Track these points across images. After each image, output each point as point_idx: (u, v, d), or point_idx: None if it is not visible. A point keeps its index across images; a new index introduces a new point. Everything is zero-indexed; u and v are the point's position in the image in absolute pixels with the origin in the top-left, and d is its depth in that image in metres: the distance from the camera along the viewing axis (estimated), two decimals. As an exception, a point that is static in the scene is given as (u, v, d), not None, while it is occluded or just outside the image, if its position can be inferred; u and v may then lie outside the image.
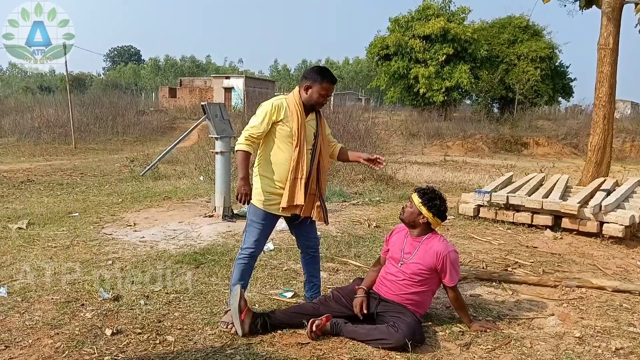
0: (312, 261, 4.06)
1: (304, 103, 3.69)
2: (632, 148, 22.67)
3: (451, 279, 3.64)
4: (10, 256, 5.18)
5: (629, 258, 5.98)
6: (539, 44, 31.24)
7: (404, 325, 3.40)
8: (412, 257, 3.68)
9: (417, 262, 3.65)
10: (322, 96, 3.66)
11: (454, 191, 10.45)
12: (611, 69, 8.92)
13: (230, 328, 3.58)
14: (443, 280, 3.68)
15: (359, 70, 78.75)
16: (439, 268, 3.62)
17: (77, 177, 11.67)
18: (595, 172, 9.00)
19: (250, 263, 3.81)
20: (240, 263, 3.78)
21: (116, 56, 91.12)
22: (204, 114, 7.20)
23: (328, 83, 3.64)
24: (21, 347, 3.30)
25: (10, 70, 79.55)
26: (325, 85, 3.63)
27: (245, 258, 3.77)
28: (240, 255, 3.80)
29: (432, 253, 3.63)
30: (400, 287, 3.66)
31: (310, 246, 4.01)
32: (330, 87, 3.66)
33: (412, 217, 3.69)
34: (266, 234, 3.82)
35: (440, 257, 3.60)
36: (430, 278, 3.66)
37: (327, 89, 3.65)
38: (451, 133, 24.98)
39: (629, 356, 3.42)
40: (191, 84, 46.94)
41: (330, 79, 3.66)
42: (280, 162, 3.67)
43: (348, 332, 3.50)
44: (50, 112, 23.81)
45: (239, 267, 3.78)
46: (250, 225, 3.77)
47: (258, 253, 3.85)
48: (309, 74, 3.69)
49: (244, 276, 3.80)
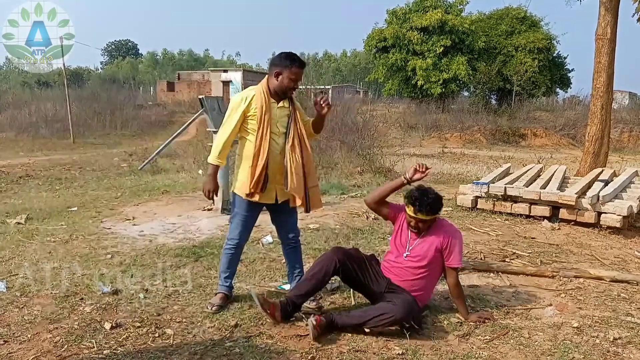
0: (293, 252, 4.09)
1: (276, 90, 3.71)
2: (629, 138, 22.65)
3: (456, 259, 3.67)
4: (9, 251, 5.18)
5: (626, 248, 6.00)
6: (537, 35, 31.15)
7: (400, 301, 3.43)
8: (419, 242, 3.71)
9: (424, 246, 3.68)
10: (292, 80, 3.67)
11: (452, 183, 10.47)
12: (609, 59, 8.92)
13: (213, 309, 3.77)
14: (447, 262, 3.68)
15: (357, 62, 78.61)
16: (444, 247, 3.65)
17: (75, 171, 11.67)
18: (593, 163, 9.01)
19: (236, 252, 3.94)
20: (227, 253, 3.93)
21: (114, 50, 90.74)
22: (202, 108, 7.19)
23: (297, 67, 3.66)
24: (20, 341, 3.31)
25: (7, 65, 79.36)
26: (294, 70, 3.65)
27: (231, 248, 3.91)
28: (226, 245, 3.94)
29: (438, 234, 3.68)
30: (407, 273, 3.67)
31: (291, 237, 4.02)
32: (299, 71, 3.68)
33: (427, 226, 3.71)
34: (249, 223, 3.91)
35: (448, 236, 3.67)
36: (435, 262, 3.68)
37: (296, 74, 3.67)
38: (449, 125, 24.97)
39: (627, 346, 3.44)
40: (189, 77, 46.82)
41: (299, 64, 3.67)
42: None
43: (343, 321, 3.46)
44: (48, 107, 23.81)
45: (226, 256, 3.94)
46: (235, 216, 3.90)
47: (243, 242, 3.96)
48: (278, 61, 3.70)
49: (231, 264, 3.95)
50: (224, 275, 3.97)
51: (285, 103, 3.78)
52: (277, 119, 3.73)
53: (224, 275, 3.97)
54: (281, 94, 3.73)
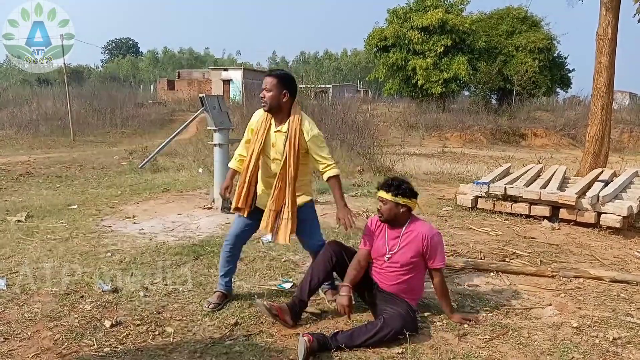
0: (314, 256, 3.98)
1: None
2: (629, 139, 22.66)
3: (438, 261, 3.65)
4: (9, 249, 5.18)
5: (626, 248, 6.00)
6: (538, 35, 31.13)
7: (396, 313, 3.41)
8: (397, 246, 3.67)
9: (403, 251, 3.64)
10: (262, 90, 3.69)
11: (452, 182, 10.48)
12: (609, 59, 8.92)
13: (210, 307, 3.82)
14: (430, 264, 3.66)
15: (357, 62, 78.58)
16: (425, 251, 3.62)
17: (75, 169, 11.66)
18: (593, 163, 9.02)
19: (232, 252, 3.97)
20: (224, 252, 3.98)
21: (114, 48, 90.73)
22: (202, 106, 7.19)
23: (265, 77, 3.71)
24: (20, 339, 3.31)
25: (8, 62, 79.33)
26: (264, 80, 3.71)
27: (227, 248, 3.96)
28: (224, 245, 4.01)
29: (417, 237, 3.62)
30: (390, 277, 3.66)
31: (313, 250, 3.95)
32: (265, 80, 3.68)
33: (392, 213, 3.65)
34: (244, 228, 3.90)
35: (426, 240, 3.60)
36: (418, 264, 3.66)
37: (264, 82, 3.68)
38: (449, 124, 24.95)
39: (627, 346, 3.44)
40: (189, 76, 46.83)
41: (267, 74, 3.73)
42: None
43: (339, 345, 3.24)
44: (48, 105, 23.79)
45: (223, 255, 3.99)
46: (235, 218, 3.99)
47: (238, 245, 3.97)
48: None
49: (228, 263, 3.99)
50: (222, 274, 3.99)
51: (283, 127, 3.69)
52: (273, 142, 3.72)
53: (222, 274, 3.99)
54: (278, 113, 3.71)
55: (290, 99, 3.67)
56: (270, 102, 3.64)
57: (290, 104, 3.69)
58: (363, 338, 3.27)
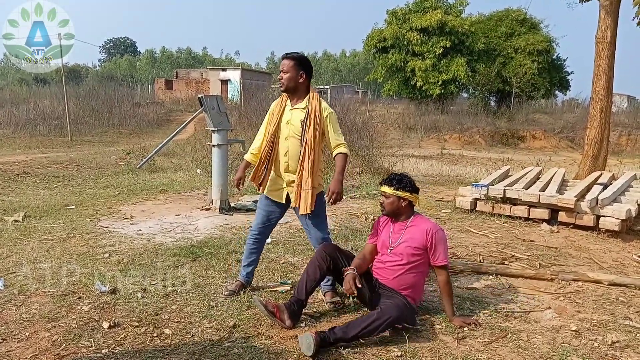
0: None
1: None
2: (628, 142, 22.69)
3: (442, 258, 3.67)
4: (7, 249, 5.16)
5: (625, 252, 6.00)
6: (536, 37, 31.18)
7: (389, 304, 3.42)
8: (401, 238, 3.72)
9: (407, 243, 3.68)
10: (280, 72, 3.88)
11: (450, 185, 10.48)
12: (609, 62, 8.93)
13: (225, 293, 4.04)
14: (433, 261, 3.68)
15: (356, 63, 78.64)
16: (429, 246, 3.65)
17: (73, 169, 11.62)
18: (592, 166, 9.02)
19: (254, 243, 4.15)
20: (247, 244, 4.18)
21: (112, 48, 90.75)
22: (201, 107, 7.18)
23: (281, 59, 3.91)
24: (18, 340, 3.30)
25: (5, 61, 79.17)
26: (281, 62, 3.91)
27: (250, 239, 4.16)
28: (248, 238, 4.20)
29: (420, 231, 3.68)
30: (391, 271, 3.69)
31: (317, 243, 4.02)
32: (282, 62, 3.87)
33: (394, 206, 3.74)
34: (265, 217, 4.07)
35: (430, 234, 3.65)
36: (421, 260, 3.68)
37: (281, 65, 3.89)
38: (448, 126, 24.98)
39: (625, 349, 3.44)
40: (187, 76, 46.75)
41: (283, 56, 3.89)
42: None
43: (335, 337, 3.26)
44: (45, 104, 23.72)
45: (246, 246, 4.18)
46: (257, 209, 4.17)
47: (261, 236, 4.14)
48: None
49: (252, 254, 4.16)
50: (244, 264, 4.19)
51: (300, 105, 3.86)
52: (288, 120, 3.86)
53: (244, 264, 4.19)
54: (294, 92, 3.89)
55: (306, 79, 3.87)
56: (287, 83, 3.84)
57: (307, 84, 3.89)
58: (359, 328, 3.30)
